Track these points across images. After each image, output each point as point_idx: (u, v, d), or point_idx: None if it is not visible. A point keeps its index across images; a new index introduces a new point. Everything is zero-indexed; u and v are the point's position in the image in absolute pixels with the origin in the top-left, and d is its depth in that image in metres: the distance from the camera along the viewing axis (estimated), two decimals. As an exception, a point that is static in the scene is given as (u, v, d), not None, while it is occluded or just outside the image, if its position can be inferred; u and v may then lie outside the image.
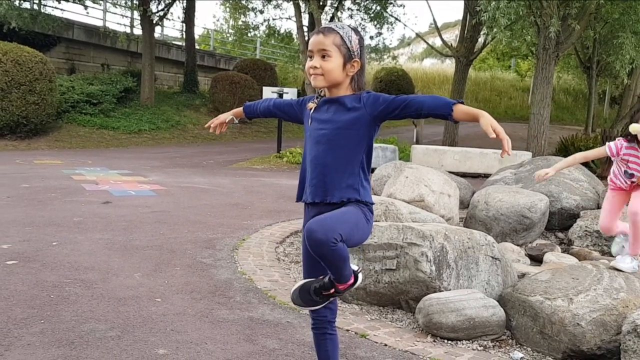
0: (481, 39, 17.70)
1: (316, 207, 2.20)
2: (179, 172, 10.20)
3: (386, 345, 3.20)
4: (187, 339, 3.05)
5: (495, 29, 11.95)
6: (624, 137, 3.82)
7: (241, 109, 2.57)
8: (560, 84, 30.73)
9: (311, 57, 2.18)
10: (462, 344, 3.29)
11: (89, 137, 14.87)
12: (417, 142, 14.34)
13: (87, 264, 4.23)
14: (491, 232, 5.45)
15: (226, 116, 2.56)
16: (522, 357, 3.22)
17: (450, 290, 3.56)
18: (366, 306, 3.85)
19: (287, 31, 23.69)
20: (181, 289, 3.86)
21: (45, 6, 18.38)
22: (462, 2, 17.05)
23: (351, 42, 2.17)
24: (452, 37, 27.35)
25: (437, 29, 17.98)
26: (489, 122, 1.97)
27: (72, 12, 19.26)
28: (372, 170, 2.58)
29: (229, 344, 3.03)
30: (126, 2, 20.41)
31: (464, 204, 6.73)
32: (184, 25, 22.15)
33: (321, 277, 2.23)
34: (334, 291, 2.19)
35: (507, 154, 1.94)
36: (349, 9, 20.37)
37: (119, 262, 4.32)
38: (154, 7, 18.46)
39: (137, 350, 2.88)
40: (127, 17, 21.44)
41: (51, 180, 8.07)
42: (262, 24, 22.27)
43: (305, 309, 2.37)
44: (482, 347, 3.29)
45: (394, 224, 3.93)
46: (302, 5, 16.41)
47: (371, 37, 21.11)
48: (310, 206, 2.24)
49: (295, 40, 22.43)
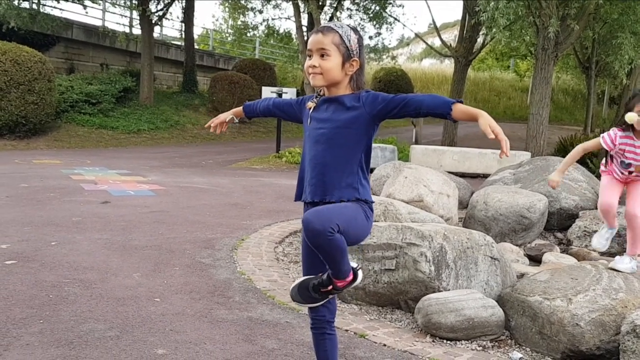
0: (480, 39, 17.70)
1: (315, 207, 2.20)
2: (178, 172, 10.20)
3: (385, 345, 3.19)
4: (186, 339, 3.05)
5: (494, 29, 11.94)
6: (618, 126, 3.71)
7: (241, 109, 2.57)
8: (559, 84, 30.78)
9: (310, 56, 2.19)
10: (461, 344, 3.29)
11: (88, 137, 14.86)
12: (416, 142, 14.34)
13: (86, 263, 4.23)
14: (490, 232, 5.45)
15: (226, 116, 2.56)
16: (521, 357, 3.22)
17: (449, 290, 3.56)
18: (365, 306, 3.85)
19: (286, 31, 23.70)
20: (180, 289, 3.85)
21: (44, 6, 18.38)
22: (461, 2, 17.05)
23: (350, 41, 2.17)
24: (451, 37, 27.35)
25: (436, 29, 17.98)
26: (487, 122, 1.97)
27: (71, 11, 19.28)
28: (371, 170, 2.57)
29: (228, 344, 3.03)
30: (125, 2, 20.41)
31: (463, 204, 6.73)
32: (183, 25, 22.16)
33: (320, 274, 2.23)
34: (332, 288, 2.18)
35: (505, 155, 1.94)
36: (348, 9, 20.38)
37: (117, 262, 4.32)
38: (153, 7, 18.46)
39: (136, 350, 2.88)
40: (126, 16, 21.48)
41: (50, 180, 8.06)
42: (261, 24, 22.28)
43: (304, 307, 2.37)
44: (481, 347, 3.29)
45: (393, 224, 3.93)
46: (301, 5, 16.40)
47: (370, 37, 21.11)
48: (309, 205, 2.24)
49: (294, 40, 22.43)
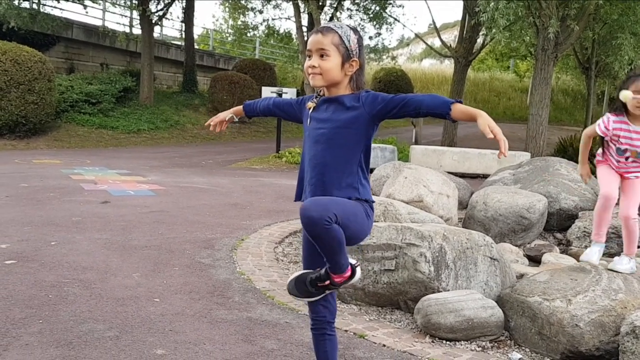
0: (480, 40, 17.71)
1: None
2: (177, 171, 10.20)
3: (384, 345, 3.19)
4: (186, 339, 3.05)
5: (494, 30, 11.95)
6: (611, 112, 3.63)
7: (241, 108, 2.57)
8: (559, 84, 30.78)
9: (310, 57, 2.19)
10: (461, 345, 3.29)
11: (87, 137, 14.86)
12: (416, 143, 14.34)
13: (86, 263, 4.23)
14: (490, 232, 5.45)
15: (226, 114, 2.56)
16: (520, 358, 3.22)
17: (448, 290, 3.56)
18: (365, 307, 3.85)
19: (286, 31, 23.70)
20: (180, 289, 3.85)
21: (44, 5, 18.38)
22: (461, 3, 17.06)
23: (350, 41, 2.17)
24: (451, 37, 27.36)
25: (436, 30, 17.99)
26: (486, 122, 1.97)
27: (71, 11, 19.28)
28: (371, 170, 2.57)
29: (227, 345, 3.03)
30: (125, 2, 20.42)
31: (463, 205, 6.73)
32: (183, 25, 22.16)
33: (318, 269, 2.23)
34: (329, 283, 2.18)
35: (503, 155, 1.94)
36: (348, 9, 20.38)
37: (117, 262, 4.32)
38: (153, 7, 18.46)
39: (136, 350, 2.88)
40: (126, 16, 21.49)
41: (50, 179, 8.06)
42: (261, 24, 22.29)
43: (300, 300, 2.37)
44: (480, 348, 3.29)
45: (393, 224, 3.93)
46: (302, 5, 16.40)
47: (370, 38, 21.11)
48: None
49: (294, 40, 22.43)
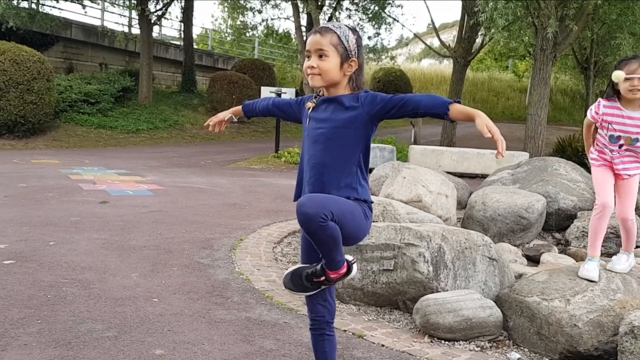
0: (479, 40, 17.71)
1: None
2: (176, 171, 10.19)
3: (383, 345, 3.20)
4: (184, 340, 3.05)
5: (492, 30, 11.96)
6: (603, 98, 3.51)
7: (240, 108, 2.57)
8: (557, 84, 30.78)
9: (309, 57, 2.19)
10: (459, 345, 3.29)
11: (86, 137, 14.85)
12: (415, 143, 14.35)
13: (84, 264, 4.22)
14: (488, 232, 5.45)
15: (225, 114, 2.56)
16: (519, 358, 3.22)
17: (447, 290, 3.57)
18: (364, 307, 3.85)
19: (285, 31, 23.68)
20: (178, 289, 3.85)
21: (43, 5, 18.36)
22: (460, 3, 17.07)
23: (348, 41, 2.17)
24: (450, 37, 27.37)
25: (435, 30, 17.99)
26: (484, 122, 1.97)
27: (70, 11, 19.27)
28: (370, 170, 2.57)
29: (226, 345, 3.03)
30: (124, 2, 20.40)
31: (462, 205, 6.73)
32: (182, 24, 22.14)
33: (315, 264, 2.23)
34: (324, 279, 2.18)
35: (501, 155, 1.94)
36: (347, 9, 20.36)
37: (116, 262, 4.31)
38: (152, 7, 18.46)
39: (134, 350, 2.88)
40: (125, 16, 21.46)
41: (48, 179, 8.06)
42: (260, 24, 22.28)
43: (296, 295, 2.38)
44: (479, 348, 3.30)
45: (392, 224, 3.93)
46: (301, 5, 16.39)
47: (369, 38, 21.11)
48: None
49: (293, 40, 22.44)
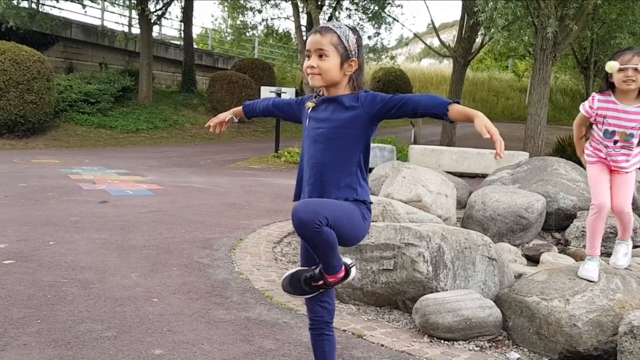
0: (479, 40, 17.71)
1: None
2: (176, 171, 10.19)
3: (383, 345, 3.20)
4: (184, 340, 3.05)
5: (492, 30, 11.95)
6: (598, 93, 3.51)
7: (240, 108, 2.58)
8: (557, 84, 30.78)
9: (309, 57, 2.19)
10: (459, 345, 3.30)
11: (86, 137, 14.85)
12: (415, 142, 14.35)
13: (84, 263, 4.22)
14: (488, 232, 5.45)
15: (225, 115, 2.57)
16: (518, 358, 3.22)
17: (447, 290, 3.57)
18: (363, 306, 3.85)
19: (285, 31, 23.67)
20: (178, 289, 3.85)
21: (43, 5, 18.35)
22: (460, 3, 17.07)
23: (348, 41, 2.17)
24: (449, 37, 27.36)
25: (434, 29, 17.99)
26: (483, 123, 1.97)
27: (70, 11, 19.30)
28: (370, 170, 2.57)
29: (225, 345, 3.03)
30: (124, 2, 20.39)
31: (461, 204, 6.73)
32: (182, 24, 22.13)
33: (313, 267, 2.22)
34: (323, 283, 2.18)
35: (499, 156, 1.94)
36: (347, 8, 20.36)
37: (115, 262, 4.32)
38: (152, 7, 18.45)
39: (134, 350, 2.88)
40: (125, 16, 21.44)
41: (48, 179, 8.06)
42: (260, 24, 22.26)
43: (294, 297, 2.38)
44: (478, 348, 3.30)
45: (392, 224, 3.93)
46: (300, 4, 16.39)
47: (369, 37, 21.10)
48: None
49: (293, 39, 22.43)
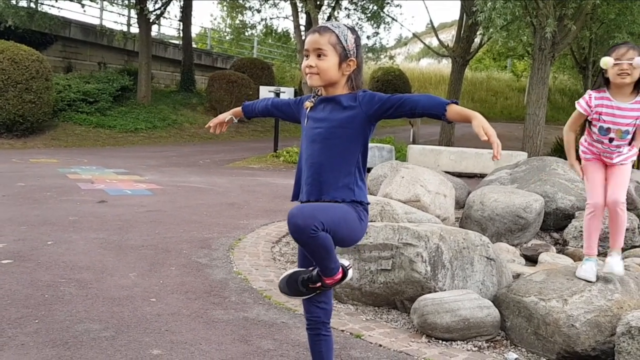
0: (477, 39, 17.73)
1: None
2: (175, 171, 10.19)
3: (381, 345, 3.20)
4: (182, 340, 3.05)
5: (491, 30, 11.96)
6: (593, 90, 3.50)
7: (240, 109, 2.59)
8: (556, 84, 30.77)
9: (307, 56, 2.19)
10: (457, 345, 3.30)
11: (85, 136, 14.84)
12: (414, 142, 14.36)
13: (82, 263, 4.22)
14: (486, 232, 5.45)
15: (225, 116, 2.58)
16: (516, 358, 3.22)
17: (445, 290, 3.57)
18: (361, 306, 3.85)
19: (284, 30, 23.68)
20: (176, 289, 3.85)
21: (42, 4, 18.33)
22: (459, 3, 17.08)
23: (347, 41, 2.17)
24: (448, 37, 27.33)
25: (433, 29, 18.02)
26: (480, 124, 1.98)
27: (69, 10, 19.43)
28: (368, 170, 2.58)
29: (223, 345, 3.03)
30: (123, 1, 20.37)
31: (460, 204, 6.73)
32: (181, 23, 22.12)
33: (311, 268, 2.22)
34: (320, 285, 2.18)
35: (496, 158, 1.95)
36: (346, 8, 20.36)
37: (113, 262, 4.31)
38: (150, 6, 18.44)
39: (132, 350, 2.88)
40: (124, 15, 21.41)
41: (47, 179, 8.05)
42: (259, 23, 22.29)
43: (291, 299, 2.38)
44: (476, 348, 3.30)
45: (390, 224, 3.93)
46: (299, 4, 16.39)
47: (368, 37, 21.12)
48: (305, 204, 2.24)
49: (292, 39, 22.43)
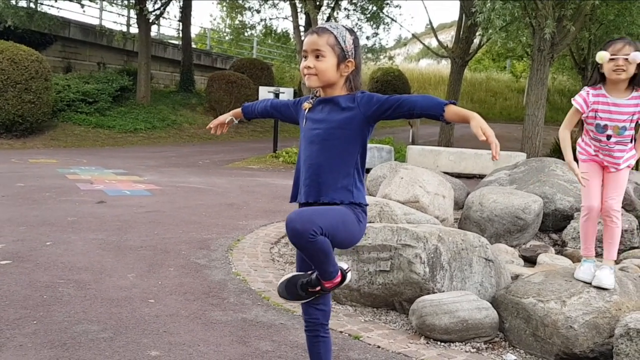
0: (476, 40, 17.73)
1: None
2: (174, 171, 10.18)
3: (379, 347, 3.20)
4: (180, 341, 3.05)
5: (490, 30, 11.97)
6: (589, 86, 3.45)
7: (240, 110, 2.60)
8: (555, 85, 30.77)
9: (305, 57, 2.19)
10: (455, 346, 3.30)
11: (84, 136, 14.83)
12: (413, 143, 14.36)
13: (81, 264, 4.22)
14: (485, 233, 5.46)
15: (225, 117, 2.59)
16: None
17: (443, 291, 3.57)
18: (360, 307, 3.85)
19: (283, 31, 23.68)
20: (175, 290, 3.85)
21: (41, 4, 18.32)
22: (458, 3, 17.08)
23: (345, 42, 2.17)
24: (447, 37, 27.34)
25: (432, 30, 18.01)
26: (479, 125, 1.97)
27: (68, 10, 19.38)
28: (367, 170, 2.58)
29: (221, 346, 3.03)
30: (122, 1, 20.36)
31: (459, 205, 6.74)
32: (181, 24, 22.12)
33: (309, 272, 2.22)
34: (320, 289, 2.18)
35: (495, 158, 1.94)
36: (345, 9, 20.37)
37: (112, 263, 4.31)
38: (150, 6, 18.43)
39: (130, 351, 2.87)
40: (123, 15, 21.41)
41: (46, 179, 8.05)
42: (258, 24, 22.29)
43: (290, 303, 2.38)
44: (475, 349, 3.30)
45: (388, 225, 3.93)
46: (299, 5, 16.40)
47: (367, 38, 21.15)
48: (303, 206, 2.24)
49: (291, 40, 22.43)
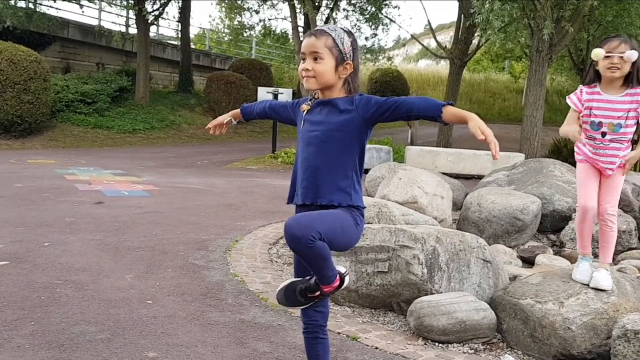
0: (475, 41, 17.75)
1: (307, 210, 2.19)
2: (173, 172, 10.18)
3: (377, 348, 3.19)
4: (178, 342, 3.04)
5: (489, 31, 11.98)
6: (584, 84, 3.46)
7: (239, 111, 2.60)
8: (553, 85, 30.79)
9: (304, 59, 2.19)
10: (453, 347, 3.30)
11: (83, 137, 14.83)
12: (412, 143, 14.37)
13: (79, 265, 4.21)
14: (484, 233, 5.46)
15: (224, 118, 2.59)
16: (512, 360, 3.23)
17: (441, 293, 3.57)
18: (358, 309, 3.85)
19: (282, 31, 23.69)
20: (172, 291, 3.85)
21: (40, 5, 18.32)
22: (457, 4, 17.09)
23: (343, 44, 2.17)
24: (446, 38, 27.36)
25: (431, 31, 18.02)
26: (477, 125, 1.97)
27: (67, 11, 19.38)
28: (366, 171, 2.58)
29: (219, 347, 3.03)
30: (121, 2, 20.37)
31: (457, 206, 6.74)
32: (180, 24, 22.13)
33: (308, 277, 2.22)
34: (319, 294, 2.18)
35: (495, 158, 1.95)
36: (344, 9, 20.39)
37: (110, 264, 4.31)
38: (149, 7, 18.44)
39: (127, 353, 2.87)
40: (122, 16, 21.45)
41: (44, 180, 8.04)
42: (257, 24, 22.32)
43: (290, 309, 2.38)
44: (472, 350, 3.30)
45: (387, 226, 3.93)
46: (298, 5, 16.40)
47: (366, 38, 21.18)
48: (300, 208, 2.24)
49: (290, 40, 22.44)
